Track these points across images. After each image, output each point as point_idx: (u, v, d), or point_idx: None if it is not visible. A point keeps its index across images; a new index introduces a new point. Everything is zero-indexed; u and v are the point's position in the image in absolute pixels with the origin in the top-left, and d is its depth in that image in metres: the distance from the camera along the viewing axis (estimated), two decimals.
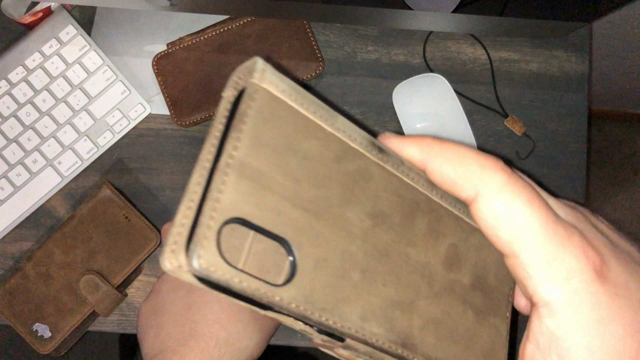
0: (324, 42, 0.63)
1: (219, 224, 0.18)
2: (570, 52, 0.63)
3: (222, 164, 0.19)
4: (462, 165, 0.23)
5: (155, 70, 0.60)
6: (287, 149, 0.21)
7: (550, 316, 0.22)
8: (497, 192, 0.23)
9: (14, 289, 0.56)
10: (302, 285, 0.20)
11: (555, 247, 0.22)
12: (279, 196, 0.20)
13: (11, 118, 0.59)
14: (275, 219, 0.20)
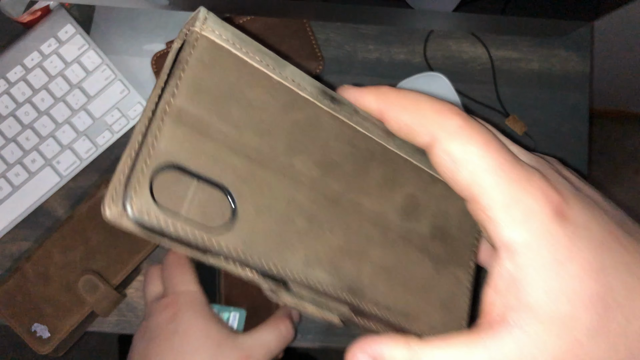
0: (324, 41, 0.63)
1: (151, 169, 0.19)
2: (571, 51, 0.63)
3: (159, 111, 0.19)
4: (418, 111, 0.23)
5: (155, 69, 0.59)
6: (229, 96, 0.21)
7: (509, 259, 0.22)
8: (453, 135, 0.23)
9: (13, 289, 0.56)
10: (242, 231, 0.21)
11: (514, 188, 0.22)
12: (218, 143, 0.20)
13: (10, 117, 0.59)
14: (213, 166, 0.20)
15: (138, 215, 0.18)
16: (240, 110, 0.21)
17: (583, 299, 0.21)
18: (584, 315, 0.21)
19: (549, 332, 0.21)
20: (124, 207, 0.19)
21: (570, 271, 0.21)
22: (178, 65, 0.20)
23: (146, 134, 0.19)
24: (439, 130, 0.23)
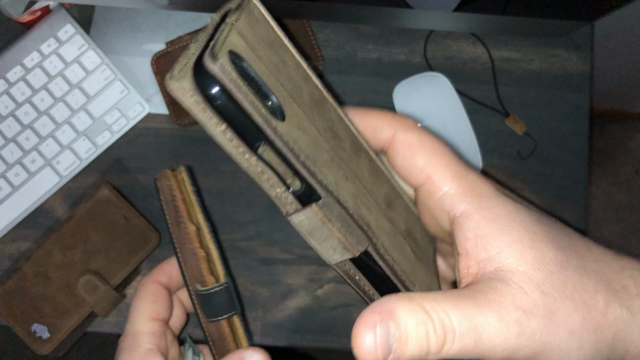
0: (324, 41, 0.62)
1: (228, 47, 0.21)
2: (571, 51, 0.63)
3: (228, 21, 0.22)
4: (380, 113, 0.29)
5: (155, 69, 0.59)
6: (270, 45, 0.24)
7: (469, 219, 0.25)
8: (411, 128, 0.28)
9: (12, 289, 0.56)
10: (291, 129, 0.23)
11: (461, 167, 0.27)
12: (267, 66, 0.23)
13: (9, 117, 0.59)
14: (267, 78, 0.23)
15: (220, 69, 0.21)
16: (278, 59, 0.24)
17: (543, 239, 0.24)
18: (548, 251, 0.24)
19: (526, 269, 0.24)
20: (207, 64, 0.21)
21: (523, 219, 0.25)
22: (237, 9, 0.23)
23: (217, 28, 0.23)
24: (400, 125, 0.28)
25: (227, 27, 0.22)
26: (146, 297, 0.40)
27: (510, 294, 0.23)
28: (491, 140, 0.62)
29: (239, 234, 0.60)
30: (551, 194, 0.61)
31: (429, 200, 0.27)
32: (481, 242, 0.24)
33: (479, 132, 0.61)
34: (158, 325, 0.39)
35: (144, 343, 0.37)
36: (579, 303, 0.23)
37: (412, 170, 0.27)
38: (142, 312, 0.39)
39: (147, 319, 0.39)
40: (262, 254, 0.60)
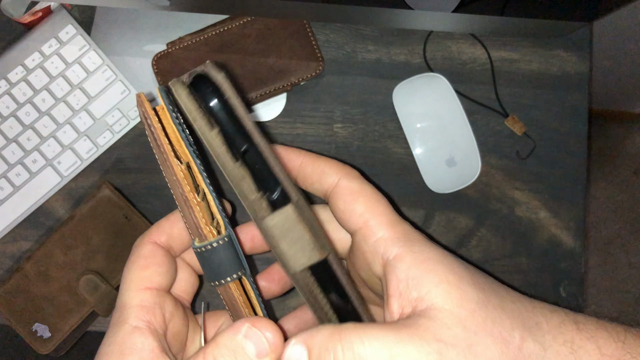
0: (324, 42, 0.63)
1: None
2: (570, 52, 0.63)
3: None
4: (328, 160, 0.32)
5: (155, 69, 0.60)
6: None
7: (401, 261, 0.28)
8: (355, 177, 0.31)
9: (14, 289, 0.56)
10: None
11: (395, 217, 0.30)
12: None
13: (11, 118, 0.59)
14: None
15: (225, 78, 0.26)
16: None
17: (467, 280, 0.27)
18: (472, 291, 0.26)
19: (451, 308, 0.26)
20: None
21: (450, 262, 0.28)
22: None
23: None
24: (344, 173, 0.31)
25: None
26: (136, 262, 0.33)
27: (433, 328, 0.25)
28: (490, 140, 0.62)
29: None
30: (550, 194, 0.61)
31: (364, 244, 0.29)
32: (412, 282, 0.27)
33: (478, 132, 0.61)
34: (150, 296, 0.32)
35: (130, 319, 0.31)
36: (497, 338, 0.26)
37: (351, 215, 0.30)
38: (131, 281, 0.32)
39: (135, 288, 0.32)
40: (263, 254, 0.60)
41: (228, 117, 0.26)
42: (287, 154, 0.32)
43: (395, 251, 0.28)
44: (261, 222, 0.27)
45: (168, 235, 0.35)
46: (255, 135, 0.26)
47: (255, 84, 0.59)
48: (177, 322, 0.33)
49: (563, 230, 0.61)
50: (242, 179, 0.27)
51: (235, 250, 0.30)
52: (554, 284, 0.60)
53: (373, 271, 0.29)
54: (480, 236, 0.61)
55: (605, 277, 1.39)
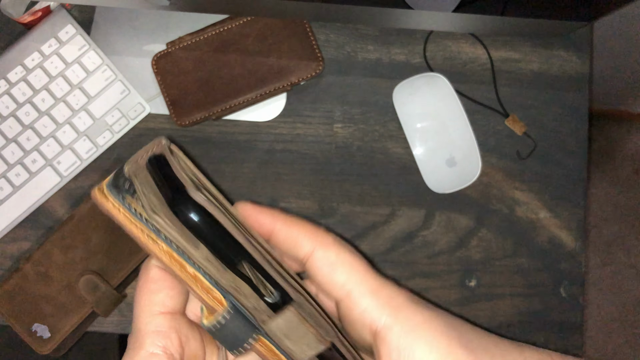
0: (324, 42, 0.63)
1: (192, 178, 0.26)
2: (571, 52, 0.63)
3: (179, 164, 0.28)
4: (302, 227, 0.30)
5: (155, 69, 0.60)
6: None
7: (389, 332, 0.27)
8: (330, 245, 0.30)
9: (13, 289, 0.56)
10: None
11: (377, 281, 0.29)
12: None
13: (10, 118, 0.59)
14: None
15: (207, 197, 0.25)
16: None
17: (457, 343, 0.27)
18: (462, 354, 0.27)
19: None
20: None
21: (439, 325, 0.28)
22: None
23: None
24: (319, 242, 0.30)
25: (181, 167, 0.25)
26: (146, 286, 0.32)
27: None
28: (490, 140, 0.62)
29: None
30: (550, 194, 0.61)
31: (350, 315, 0.29)
32: (404, 353, 0.27)
33: (479, 132, 0.61)
34: (164, 320, 0.31)
35: (147, 345, 0.31)
36: None
37: (333, 287, 0.29)
38: (144, 306, 0.32)
39: (149, 313, 0.32)
40: None
41: (214, 233, 0.25)
42: (260, 218, 0.31)
43: (383, 320, 0.28)
44: (263, 327, 0.27)
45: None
46: (248, 247, 0.25)
47: (255, 84, 0.59)
48: (194, 344, 0.33)
49: (563, 230, 0.61)
50: (236, 288, 0.26)
51: (244, 316, 0.28)
52: (554, 284, 0.60)
53: (363, 339, 0.29)
54: (480, 236, 0.61)
55: (606, 277, 1.39)
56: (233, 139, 0.61)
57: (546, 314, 0.60)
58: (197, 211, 0.24)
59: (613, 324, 1.37)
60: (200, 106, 0.59)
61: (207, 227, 0.25)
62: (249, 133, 0.62)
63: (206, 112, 0.59)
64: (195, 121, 0.60)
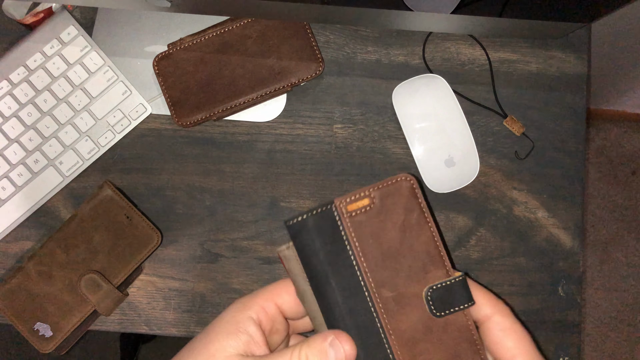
0: (324, 43, 0.63)
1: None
2: (569, 53, 0.64)
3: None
4: (486, 293, 0.36)
5: (156, 70, 0.60)
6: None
7: None
8: (506, 314, 0.36)
9: (16, 288, 0.56)
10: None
11: (538, 354, 0.35)
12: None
13: (13, 118, 0.59)
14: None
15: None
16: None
17: None
18: None
19: None
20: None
21: None
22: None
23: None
24: (498, 308, 0.36)
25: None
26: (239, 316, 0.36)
27: None
28: (489, 141, 0.62)
29: (240, 233, 0.61)
30: (548, 194, 0.62)
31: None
32: None
33: (477, 132, 0.62)
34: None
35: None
36: None
37: (501, 348, 0.35)
38: (233, 338, 0.35)
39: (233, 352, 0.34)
40: (263, 253, 0.60)
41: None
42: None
43: None
44: None
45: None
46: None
47: (255, 85, 0.60)
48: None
49: (561, 229, 0.61)
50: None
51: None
52: (552, 284, 0.61)
53: None
54: (479, 236, 0.61)
55: (604, 276, 1.39)
56: (234, 139, 0.62)
57: (544, 312, 0.60)
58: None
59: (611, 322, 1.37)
60: (201, 107, 0.60)
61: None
62: (249, 133, 0.62)
63: (207, 113, 0.60)
64: (196, 122, 0.60)
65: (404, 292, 0.34)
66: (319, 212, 0.34)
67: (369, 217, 0.34)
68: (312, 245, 0.33)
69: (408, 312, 0.35)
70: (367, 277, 0.34)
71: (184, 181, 0.61)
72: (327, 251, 0.33)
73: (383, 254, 0.34)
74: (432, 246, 0.35)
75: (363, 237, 0.34)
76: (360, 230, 0.34)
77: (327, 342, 0.33)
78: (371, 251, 0.34)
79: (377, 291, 0.34)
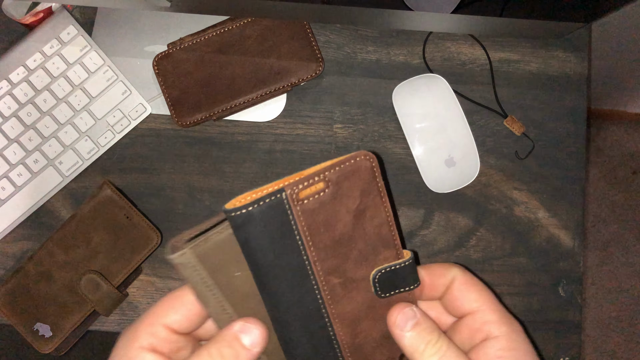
0: (324, 43, 0.63)
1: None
2: (569, 53, 0.63)
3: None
4: (440, 267, 0.38)
5: (156, 70, 0.60)
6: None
7: (497, 342, 0.34)
8: (465, 272, 0.37)
9: (15, 288, 0.56)
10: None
11: (502, 308, 0.36)
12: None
13: (12, 118, 0.59)
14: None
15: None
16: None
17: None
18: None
19: None
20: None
21: (531, 357, 0.35)
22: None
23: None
24: (455, 271, 0.37)
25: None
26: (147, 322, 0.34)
27: None
28: (489, 141, 0.62)
29: None
30: (549, 194, 0.62)
31: (472, 324, 0.35)
32: (507, 353, 0.34)
33: (477, 132, 0.62)
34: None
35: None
36: None
37: (465, 302, 0.36)
38: (134, 343, 0.33)
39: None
40: None
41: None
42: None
43: (496, 333, 0.34)
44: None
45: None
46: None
47: (255, 85, 0.60)
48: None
49: (562, 229, 0.61)
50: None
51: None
52: (552, 284, 0.61)
53: (469, 343, 0.35)
54: (479, 236, 0.61)
55: (604, 276, 1.39)
56: (234, 139, 0.62)
57: (545, 313, 0.60)
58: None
59: (611, 322, 1.37)
60: (201, 107, 0.60)
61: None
62: (249, 133, 0.62)
63: (207, 113, 0.60)
64: (196, 121, 0.60)
65: (352, 277, 0.33)
66: (267, 202, 0.30)
67: (322, 203, 0.31)
68: (258, 240, 0.31)
69: (354, 296, 0.34)
70: (316, 266, 0.32)
71: (184, 181, 0.61)
72: (274, 245, 0.31)
73: (334, 241, 0.32)
74: (385, 229, 0.33)
75: (314, 227, 0.31)
76: (311, 220, 0.31)
77: (235, 329, 0.32)
78: (322, 240, 0.32)
79: (324, 279, 0.32)
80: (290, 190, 0.30)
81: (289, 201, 0.30)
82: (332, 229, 0.32)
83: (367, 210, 0.33)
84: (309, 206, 0.31)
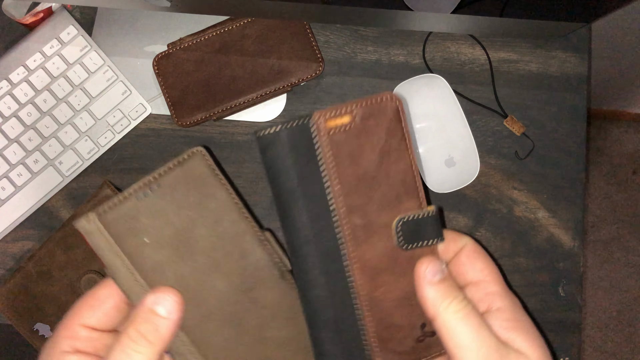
0: (323, 43, 0.63)
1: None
2: (569, 53, 0.64)
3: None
4: (457, 234, 0.39)
5: (156, 70, 0.60)
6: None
7: (502, 314, 0.35)
8: (475, 243, 0.38)
9: (15, 288, 0.56)
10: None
11: (504, 281, 0.37)
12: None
13: (12, 118, 0.59)
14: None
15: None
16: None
17: (541, 342, 0.36)
18: (545, 351, 0.35)
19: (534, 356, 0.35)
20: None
21: (534, 330, 0.37)
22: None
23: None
24: (469, 239, 0.38)
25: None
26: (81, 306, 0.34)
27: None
28: (489, 141, 0.62)
29: None
30: (549, 194, 0.62)
31: (476, 294, 0.36)
32: (504, 328, 0.35)
33: (477, 132, 0.62)
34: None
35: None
36: None
37: (470, 270, 0.36)
38: (70, 325, 0.34)
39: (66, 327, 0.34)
40: None
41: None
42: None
43: (499, 305, 0.35)
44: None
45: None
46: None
47: (255, 85, 0.60)
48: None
49: (562, 229, 0.61)
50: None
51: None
52: (552, 284, 0.61)
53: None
54: (479, 236, 0.61)
55: (604, 276, 1.39)
56: (234, 139, 0.62)
57: (545, 313, 0.60)
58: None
59: (611, 322, 1.37)
60: (201, 107, 0.60)
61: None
62: (249, 133, 0.62)
63: (207, 113, 0.60)
64: (196, 122, 0.60)
65: (374, 221, 0.32)
66: (295, 125, 0.31)
67: (348, 136, 0.31)
68: (283, 162, 0.31)
69: (375, 242, 0.33)
70: (339, 201, 0.32)
71: None
72: (298, 169, 0.31)
73: (358, 178, 0.32)
74: (409, 175, 0.33)
75: (339, 158, 0.31)
76: (337, 151, 0.31)
77: (148, 303, 0.31)
78: (346, 174, 0.31)
79: (346, 217, 0.32)
80: (317, 117, 0.31)
81: (316, 127, 0.31)
82: (357, 164, 0.32)
83: (391, 152, 0.32)
84: (335, 137, 0.31)
